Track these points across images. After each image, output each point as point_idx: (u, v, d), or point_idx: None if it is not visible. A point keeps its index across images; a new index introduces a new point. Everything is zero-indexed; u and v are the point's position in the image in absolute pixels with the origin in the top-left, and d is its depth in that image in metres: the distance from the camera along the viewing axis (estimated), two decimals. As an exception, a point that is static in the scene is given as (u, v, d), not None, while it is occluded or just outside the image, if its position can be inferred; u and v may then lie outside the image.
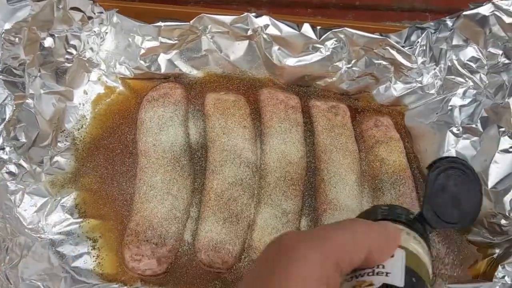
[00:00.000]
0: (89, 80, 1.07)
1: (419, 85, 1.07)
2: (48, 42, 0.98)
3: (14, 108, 0.89)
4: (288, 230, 0.50)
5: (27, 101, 0.93)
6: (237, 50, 1.09)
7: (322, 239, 0.42)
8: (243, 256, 0.93)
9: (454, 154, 0.99)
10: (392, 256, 0.48)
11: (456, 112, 1.02)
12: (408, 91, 1.09)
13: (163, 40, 1.05)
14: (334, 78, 1.08)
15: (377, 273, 0.46)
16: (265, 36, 1.04)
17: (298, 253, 0.40)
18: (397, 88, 1.09)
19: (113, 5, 1.07)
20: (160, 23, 1.04)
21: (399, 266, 0.47)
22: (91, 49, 1.06)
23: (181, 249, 0.93)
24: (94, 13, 1.04)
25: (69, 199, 0.96)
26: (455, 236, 0.98)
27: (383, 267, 0.46)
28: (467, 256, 0.96)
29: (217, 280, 0.91)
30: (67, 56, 1.02)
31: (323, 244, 0.42)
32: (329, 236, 0.43)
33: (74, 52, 1.02)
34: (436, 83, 1.07)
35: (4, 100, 0.91)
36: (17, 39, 0.91)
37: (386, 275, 0.46)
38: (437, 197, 0.58)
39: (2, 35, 0.89)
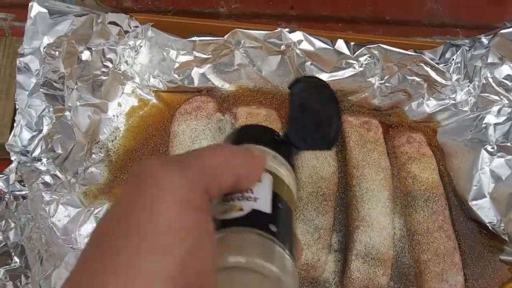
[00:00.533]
0: (123, 93, 1.08)
1: (452, 102, 1.06)
2: (86, 55, 0.99)
3: (54, 121, 0.91)
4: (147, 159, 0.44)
5: (65, 113, 0.94)
6: (270, 64, 1.08)
7: (188, 164, 0.40)
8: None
9: (488, 173, 0.98)
10: (260, 181, 0.47)
11: (490, 130, 1.01)
12: (441, 107, 1.07)
13: (198, 54, 1.06)
14: (366, 94, 1.08)
15: (247, 198, 0.45)
16: (298, 51, 1.04)
17: (161, 179, 0.37)
18: (430, 105, 1.08)
19: (148, 19, 1.08)
20: (195, 38, 1.04)
21: (266, 191, 0.47)
22: (126, 62, 1.07)
23: (213, 263, 0.93)
24: (130, 27, 1.05)
25: (101, 210, 0.97)
26: (488, 257, 0.96)
27: (252, 192, 0.46)
28: (502, 277, 0.94)
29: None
30: (103, 69, 1.03)
31: (189, 169, 0.39)
32: (196, 161, 0.41)
33: (110, 65, 1.04)
34: (470, 100, 1.05)
35: (42, 112, 0.93)
36: (57, 52, 0.92)
37: (255, 201, 0.45)
38: (299, 118, 0.56)
39: (44, 49, 0.90)
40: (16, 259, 0.86)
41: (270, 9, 1.29)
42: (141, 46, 1.08)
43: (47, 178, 0.93)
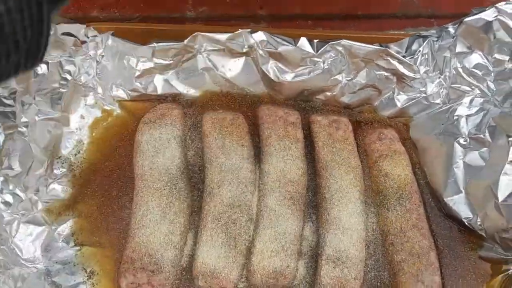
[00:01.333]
0: (85, 104, 1.06)
1: (424, 95, 1.02)
2: (42, 69, 0.97)
3: (4, 138, 0.88)
4: None
5: (20, 129, 0.92)
6: (234, 67, 1.06)
7: None
8: (242, 281, 0.90)
9: (462, 167, 0.94)
10: None
11: (462, 122, 0.97)
12: (412, 101, 1.04)
13: (158, 60, 1.03)
14: (334, 92, 1.04)
15: None
16: (261, 52, 1.01)
17: None
18: (401, 99, 1.04)
19: (109, 27, 1.05)
20: (153, 44, 1.02)
21: None
22: (87, 73, 1.04)
23: (178, 276, 0.90)
24: (88, 37, 1.02)
25: (65, 227, 0.94)
26: (467, 254, 0.93)
27: None
28: (484, 276, 0.91)
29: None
30: (61, 82, 1.00)
31: None
32: None
33: (69, 77, 1.01)
34: (442, 92, 1.02)
35: (-3, 129, 0.90)
36: (7, 68, 0.90)
37: None
38: None
39: (-9, 66, 0.88)
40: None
41: (238, 10, 1.26)
42: (102, 56, 1.05)
43: (7, 197, 0.91)
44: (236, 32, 1.01)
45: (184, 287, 0.89)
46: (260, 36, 1.01)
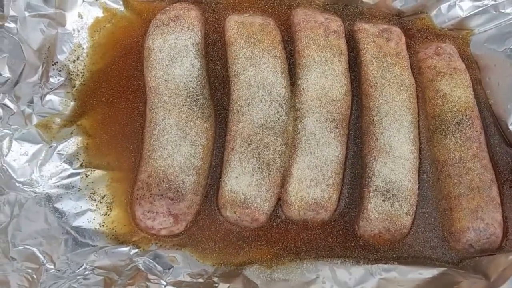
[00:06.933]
0: (84, 1, 0.94)
1: (493, 2, 0.93)
2: (32, -48, 0.85)
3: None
4: None
5: (7, 25, 0.82)
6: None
7: None
8: (276, 214, 0.85)
9: (535, 89, 0.87)
10: None
11: (540, 36, 0.89)
12: (478, 10, 0.95)
13: None
14: (386, -5, 0.94)
15: None
16: None
17: None
18: (464, 7, 0.95)
19: None
20: None
21: None
22: (85, -39, 0.92)
23: (202, 205, 0.84)
24: None
25: (67, 146, 0.86)
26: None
27: None
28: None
29: (243, 241, 0.83)
30: (55, -30, 0.88)
31: None
32: None
33: (64, -35, 0.89)
34: (514, -1, 0.92)
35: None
36: None
37: None
38: None
39: None
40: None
41: None
42: None
43: (-4, 109, 0.82)
44: None
45: (209, 218, 0.83)
46: None
